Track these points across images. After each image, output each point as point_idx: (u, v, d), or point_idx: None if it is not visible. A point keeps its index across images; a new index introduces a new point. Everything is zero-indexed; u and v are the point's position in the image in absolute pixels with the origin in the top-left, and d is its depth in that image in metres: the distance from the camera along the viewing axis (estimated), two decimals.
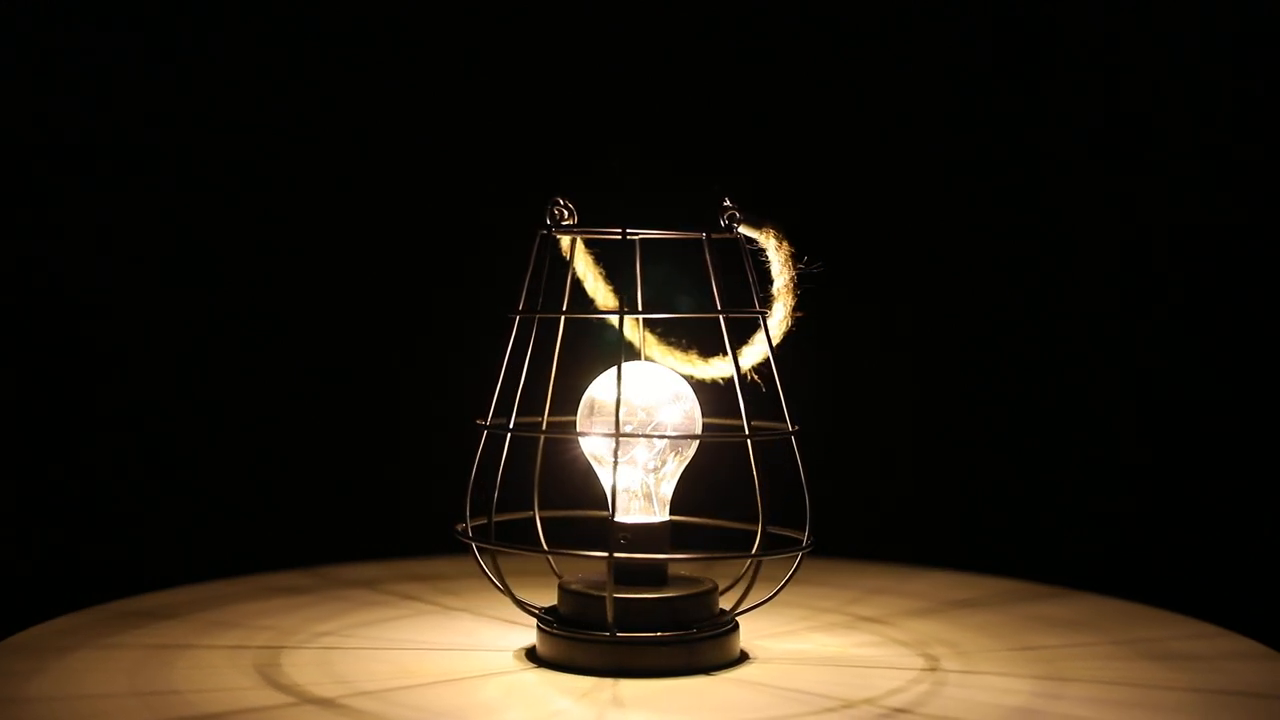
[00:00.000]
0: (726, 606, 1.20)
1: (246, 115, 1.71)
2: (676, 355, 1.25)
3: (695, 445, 1.21)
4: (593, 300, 1.24)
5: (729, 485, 1.20)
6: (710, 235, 1.18)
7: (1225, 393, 1.67)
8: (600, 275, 1.24)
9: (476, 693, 1.12)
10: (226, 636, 1.24)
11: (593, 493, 1.24)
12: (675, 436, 1.20)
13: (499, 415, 1.19)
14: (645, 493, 1.20)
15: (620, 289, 1.23)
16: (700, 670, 1.16)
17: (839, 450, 1.53)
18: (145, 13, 1.68)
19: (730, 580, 1.22)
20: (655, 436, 1.19)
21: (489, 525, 1.18)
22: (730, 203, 1.20)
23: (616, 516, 1.19)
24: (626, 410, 1.17)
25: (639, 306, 1.16)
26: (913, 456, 1.76)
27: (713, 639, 1.17)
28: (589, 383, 1.22)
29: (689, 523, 1.25)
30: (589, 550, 1.17)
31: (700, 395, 1.22)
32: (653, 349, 1.25)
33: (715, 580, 1.21)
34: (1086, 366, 1.72)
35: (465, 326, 1.56)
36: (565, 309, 1.21)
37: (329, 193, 1.74)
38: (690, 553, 1.21)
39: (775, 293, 1.21)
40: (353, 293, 1.74)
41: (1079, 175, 1.71)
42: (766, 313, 1.21)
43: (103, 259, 1.68)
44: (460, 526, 1.20)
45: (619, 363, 1.16)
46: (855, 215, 1.72)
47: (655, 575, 1.19)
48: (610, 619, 1.14)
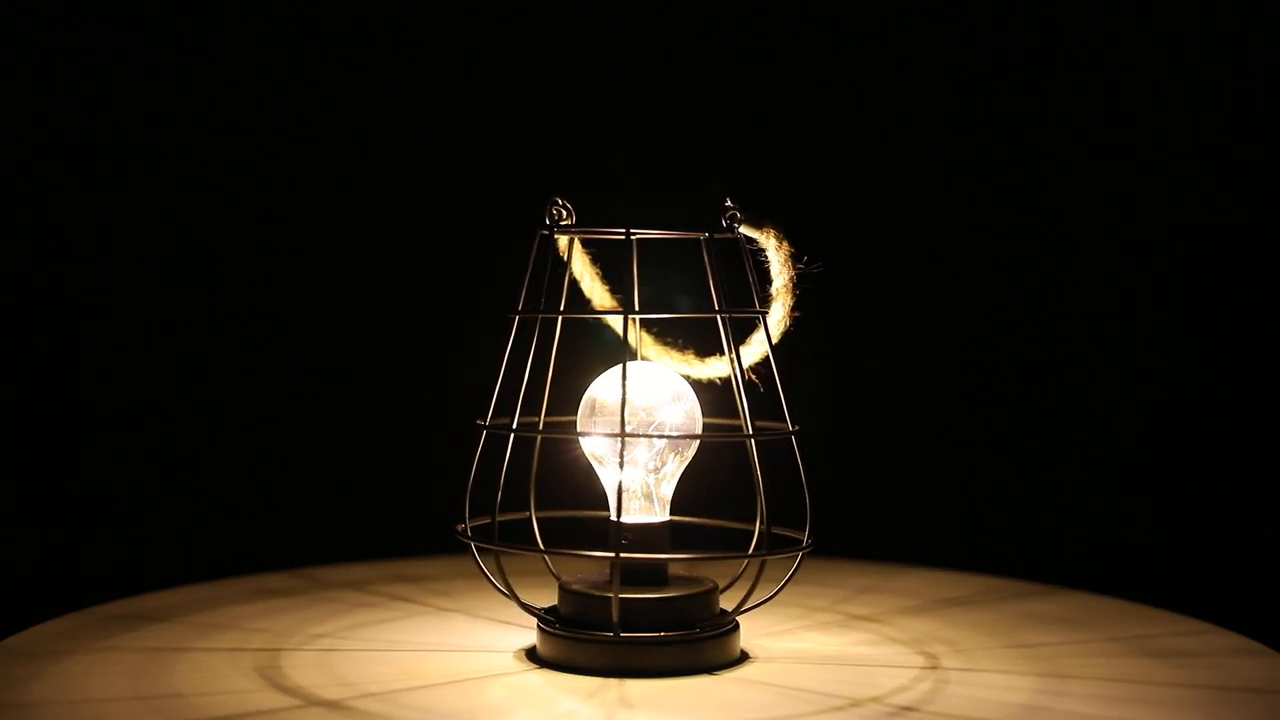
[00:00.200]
0: (724, 606, 1.20)
1: (246, 115, 1.71)
2: (673, 355, 1.25)
3: (695, 445, 1.21)
4: (590, 300, 1.24)
5: (729, 485, 1.20)
6: (713, 236, 1.18)
7: (1225, 393, 1.67)
8: (597, 275, 1.24)
9: (482, 694, 1.12)
10: (223, 639, 1.24)
11: (592, 493, 1.24)
12: (679, 436, 1.19)
13: (498, 415, 1.19)
14: (645, 493, 1.20)
15: (618, 289, 1.23)
16: (703, 670, 1.16)
17: (839, 450, 1.53)
18: (145, 13, 1.68)
19: (726, 580, 1.22)
20: (660, 436, 1.19)
21: (493, 525, 1.18)
22: (731, 203, 1.20)
23: (615, 516, 1.19)
24: (628, 410, 1.17)
25: (635, 306, 1.16)
26: (913, 456, 1.76)
27: (715, 639, 1.17)
28: (588, 383, 1.22)
29: (689, 523, 1.25)
30: (591, 550, 1.17)
31: (700, 395, 1.22)
32: (649, 349, 1.25)
33: (714, 580, 1.21)
34: (1086, 366, 1.72)
35: (465, 326, 1.56)
36: (563, 309, 1.21)
37: (329, 193, 1.73)
38: (690, 552, 1.21)
39: (774, 293, 1.21)
40: (353, 293, 1.74)
41: (1079, 175, 1.71)
42: (766, 312, 1.21)
43: (103, 259, 1.68)
44: (460, 527, 1.20)
45: (624, 362, 1.16)
46: (855, 215, 1.72)
47: (656, 575, 1.19)
48: (615, 619, 1.14)
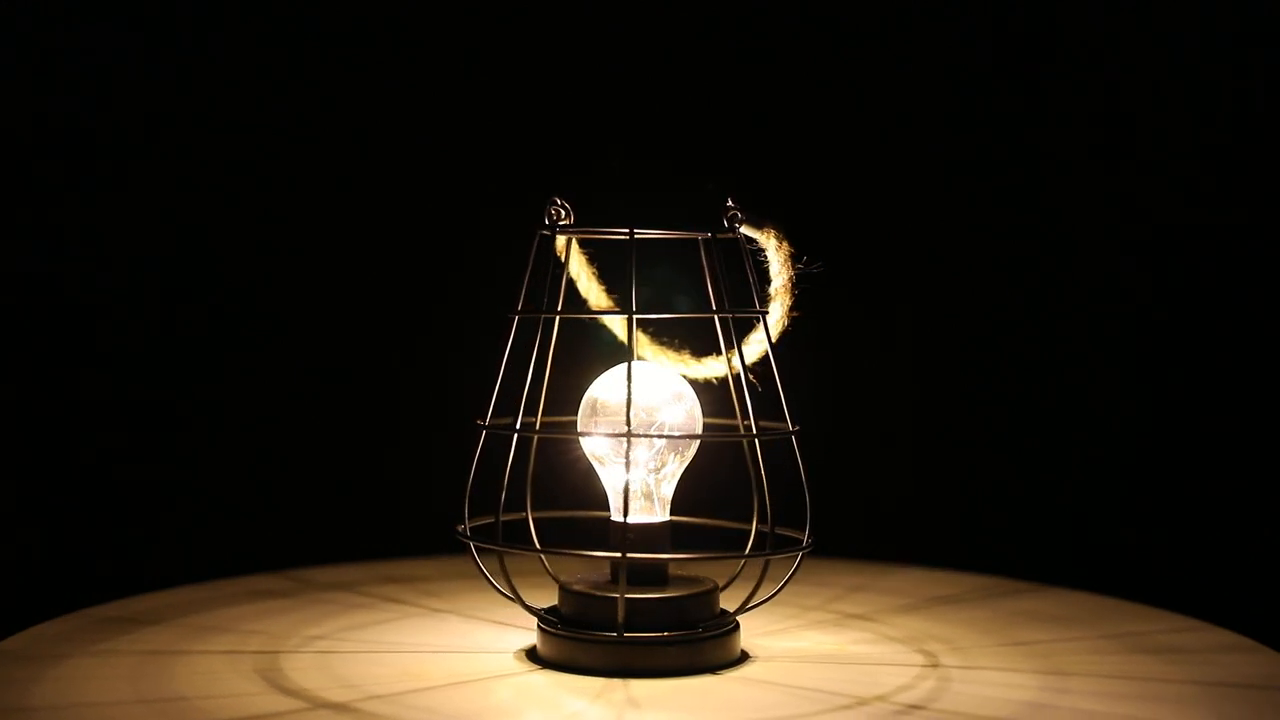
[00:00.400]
0: (723, 605, 1.20)
1: (246, 115, 1.71)
2: (669, 355, 1.24)
3: (696, 445, 1.20)
4: (586, 300, 1.24)
5: (729, 485, 1.20)
6: (715, 236, 1.18)
7: (1225, 393, 1.67)
8: (594, 275, 1.24)
9: (488, 695, 1.11)
10: (218, 641, 1.23)
11: (591, 493, 1.24)
12: (683, 436, 1.19)
13: (498, 415, 1.19)
14: (646, 492, 1.20)
15: (614, 289, 1.23)
16: (705, 670, 1.15)
17: (839, 450, 1.53)
18: (145, 13, 1.68)
19: (723, 579, 1.22)
20: (665, 437, 1.19)
21: (497, 526, 1.17)
22: (732, 203, 1.20)
23: (617, 516, 1.19)
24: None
25: (632, 306, 1.16)
26: (913, 456, 1.76)
27: (717, 638, 1.17)
28: (588, 383, 1.22)
29: (689, 523, 1.24)
30: (593, 551, 1.17)
31: (700, 395, 1.22)
32: (645, 349, 1.24)
33: (714, 580, 1.21)
34: (1086, 366, 1.72)
35: (465, 326, 1.56)
36: (560, 309, 1.20)
37: (329, 193, 1.73)
38: (690, 552, 1.21)
39: (773, 292, 1.21)
40: (353, 293, 1.74)
41: (1079, 175, 1.71)
42: (766, 312, 1.21)
43: (103, 259, 1.68)
44: (460, 527, 1.20)
45: (629, 363, 1.16)
46: (855, 215, 1.72)
47: (657, 575, 1.19)
48: (621, 619, 1.14)
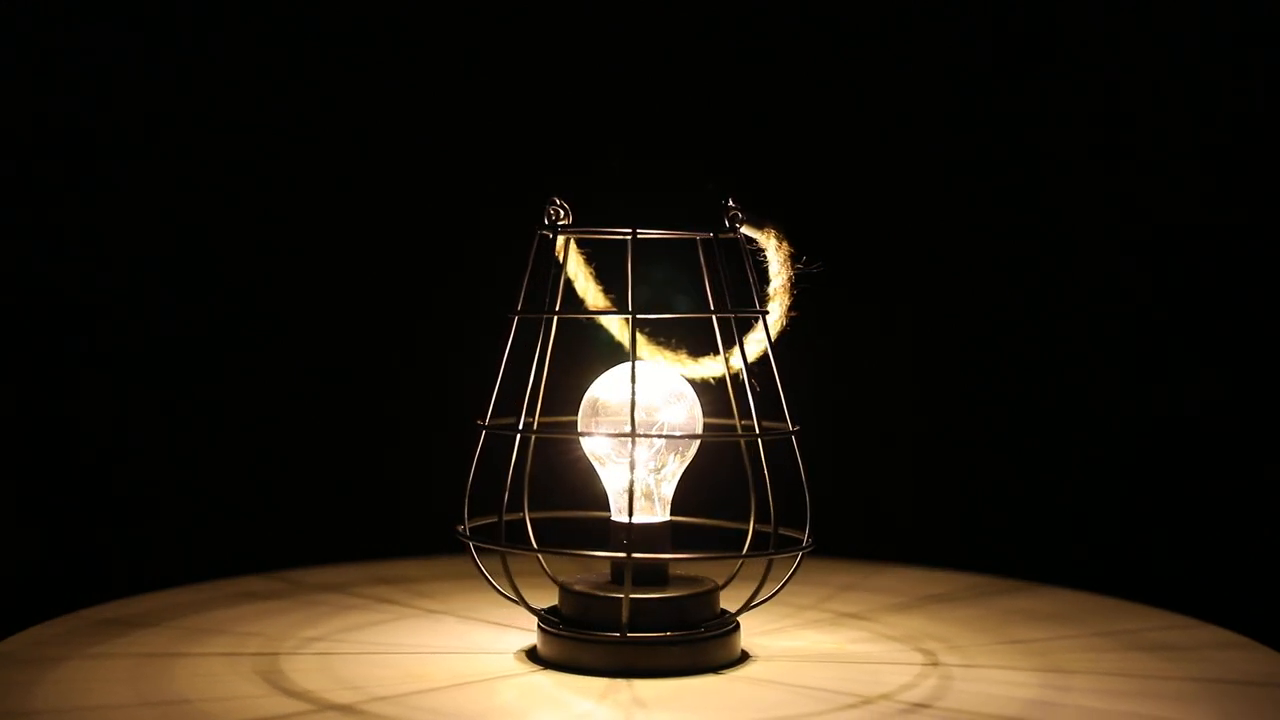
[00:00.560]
0: (723, 605, 1.20)
1: (246, 115, 1.71)
2: (665, 355, 1.24)
3: (696, 445, 1.20)
4: (583, 300, 1.24)
5: (729, 485, 1.20)
6: (718, 236, 1.18)
7: (1225, 393, 1.67)
8: (590, 275, 1.24)
9: (493, 696, 1.11)
10: (215, 644, 1.22)
11: (590, 494, 1.24)
12: (687, 436, 1.19)
13: (498, 415, 1.19)
14: (646, 492, 1.20)
15: (611, 289, 1.23)
16: (706, 669, 1.15)
17: (839, 450, 1.53)
18: (145, 13, 1.68)
19: (721, 579, 1.22)
20: (669, 437, 1.19)
21: (499, 526, 1.17)
22: (733, 202, 1.20)
23: (618, 517, 1.19)
24: (628, 410, 1.17)
25: (629, 307, 1.16)
26: (913, 456, 1.76)
27: (718, 638, 1.17)
28: (587, 383, 1.22)
29: (689, 523, 1.24)
30: (596, 551, 1.17)
31: (699, 396, 1.22)
32: (641, 349, 1.24)
33: (714, 579, 1.21)
34: (1086, 366, 1.72)
35: (465, 326, 1.56)
36: (559, 309, 1.20)
37: (329, 193, 1.73)
38: (690, 552, 1.21)
39: (772, 292, 1.21)
40: (353, 293, 1.74)
41: (1079, 175, 1.71)
42: (767, 312, 1.21)
43: (102, 259, 1.68)
44: (460, 528, 1.20)
45: (632, 363, 1.16)
46: (855, 215, 1.72)
47: (658, 575, 1.19)
48: (625, 619, 1.14)
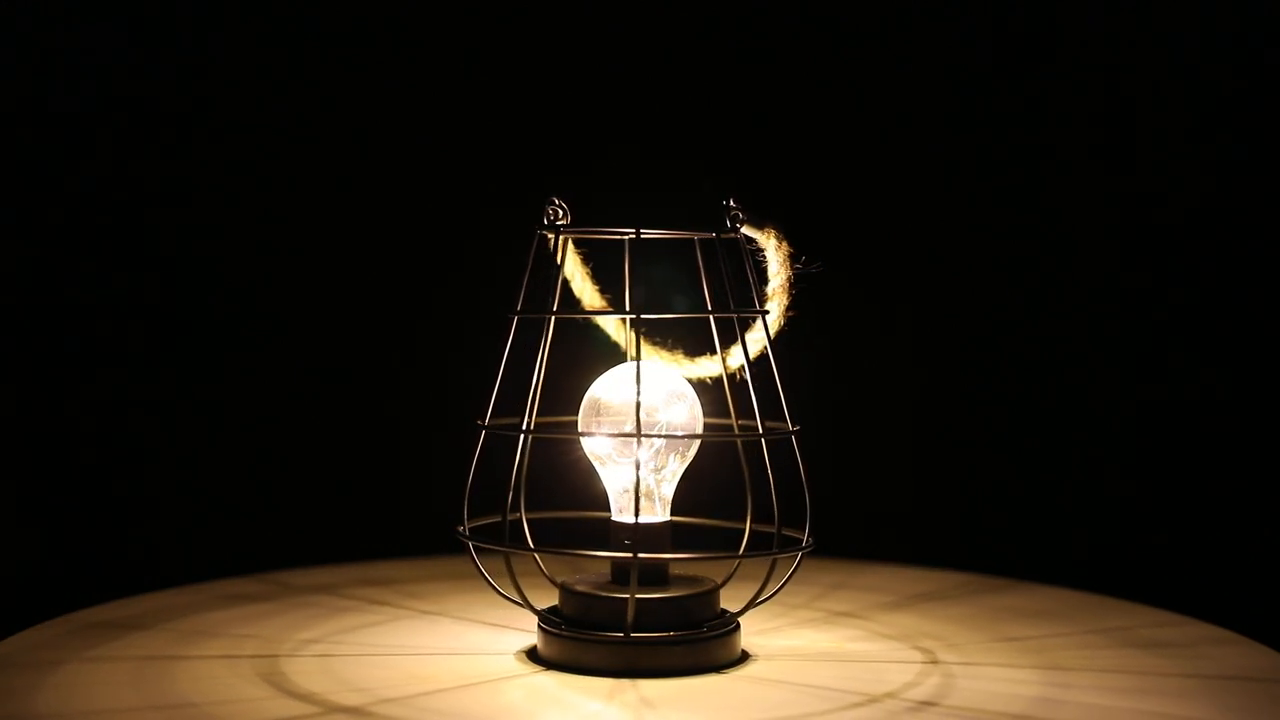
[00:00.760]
0: (723, 605, 1.20)
1: (246, 115, 1.71)
2: (662, 354, 1.24)
3: (697, 445, 1.20)
4: (579, 300, 1.24)
5: (729, 485, 1.20)
6: (721, 236, 1.18)
7: (1225, 392, 1.67)
8: (587, 275, 1.24)
9: (499, 696, 1.11)
10: (212, 646, 1.21)
11: (588, 494, 1.24)
12: (689, 437, 1.19)
13: (497, 415, 1.19)
14: (646, 492, 1.20)
15: (608, 289, 1.23)
16: (708, 669, 1.15)
17: (839, 450, 1.53)
18: (145, 13, 1.68)
19: (720, 579, 1.22)
20: (673, 437, 1.19)
21: (503, 526, 1.17)
22: (733, 202, 1.20)
23: (619, 517, 1.19)
24: (629, 410, 1.17)
25: (627, 306, 1.16)
26: (913, 456, 1.76)
27: (720, 638, 1.17)
28: (586, 383, 1.22)
29: (689, 523, 1.24)
30: (598, 551, 1.17)
31: (699, 396, 1.22)
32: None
33: (714, 579, 1.21)
34: (1086, 366, 1.72)
35: (465, 326, 1.56)
36: (557, 309, 1.20)
37: (329, 193, 1.73)
38: (690, 552, 1.21)
39: (771, 292, 1.21)
40: (353, 293, 1.74)
41: (1079, 175, 1.71)
42: (767, 311, 1.21)
43: (103, 259, 1.68)
44: (460, 528, 1.20)
45: (637, 363, 1.16)
46: (855, 215, 1.72)
47: (658, 575, 1.19)
48: (630, 619, 1.14)
